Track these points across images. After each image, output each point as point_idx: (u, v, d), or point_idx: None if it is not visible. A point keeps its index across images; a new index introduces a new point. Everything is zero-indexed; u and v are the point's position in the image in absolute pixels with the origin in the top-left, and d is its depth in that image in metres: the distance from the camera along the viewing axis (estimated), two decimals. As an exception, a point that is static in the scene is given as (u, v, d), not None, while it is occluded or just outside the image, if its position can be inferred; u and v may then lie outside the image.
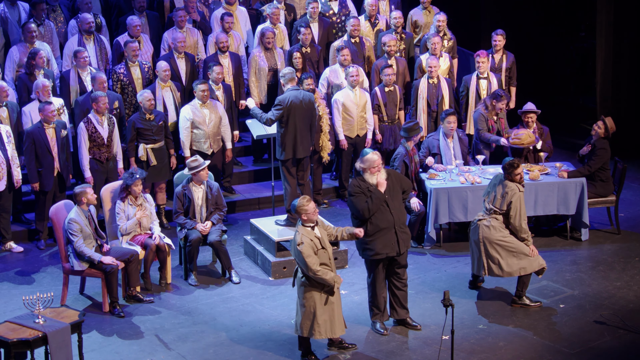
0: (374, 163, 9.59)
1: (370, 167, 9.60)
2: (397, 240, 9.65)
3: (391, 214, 9.61)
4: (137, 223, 10.90)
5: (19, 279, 11.36)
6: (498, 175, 10.52)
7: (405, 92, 13.84)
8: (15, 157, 11.83)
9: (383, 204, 9.57)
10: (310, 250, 9.03)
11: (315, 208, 9.18)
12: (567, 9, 17.32)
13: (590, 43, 17.04)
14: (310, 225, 9.17)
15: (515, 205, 10.21)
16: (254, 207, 13.48)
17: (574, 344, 9.67)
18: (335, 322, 9.23)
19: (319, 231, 9.22)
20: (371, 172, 9.60)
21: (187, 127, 12.51)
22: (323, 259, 9.13)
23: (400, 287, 9.91)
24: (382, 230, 9.61)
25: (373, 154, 9.62)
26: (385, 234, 9.62)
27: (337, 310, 9.25)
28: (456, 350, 9.19)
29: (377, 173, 9.61)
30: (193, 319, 10.32)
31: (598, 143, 12.15)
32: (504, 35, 13.95)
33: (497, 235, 10.26)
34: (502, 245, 10.25)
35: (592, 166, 12.06)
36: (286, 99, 11.21)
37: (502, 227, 10.28)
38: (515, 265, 10.28)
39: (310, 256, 9.02)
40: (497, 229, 10.26)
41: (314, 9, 14.25)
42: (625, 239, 12.26)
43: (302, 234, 9.10)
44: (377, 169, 9.60)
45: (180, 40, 13.27)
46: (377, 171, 9.61)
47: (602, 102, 15.26)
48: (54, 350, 8.82)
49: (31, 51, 12.64)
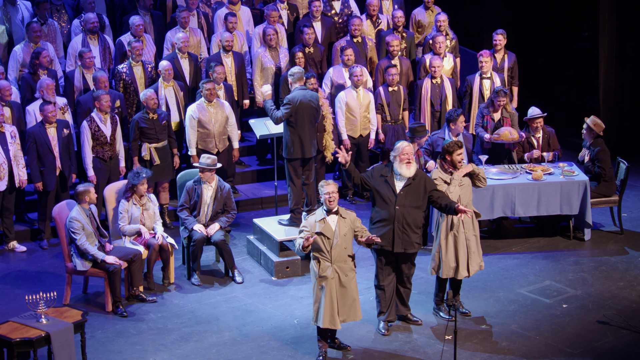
0: (404, 150, 9.59)
1: (399, 154, 9.61)
2: (393, 237, 9.65)
3: (394, 209, 9.61)
4: (139, 231, 10.89)
5: (22, 278, 11.37)
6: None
7: (408, 92, 13.84)
8: (19, 157, 11.84)
9: (392, 196, 9.58)
10: (308, 225, 9.21)
11: (330, 193, 9.18)
12: (570, 9, 17.30)
13: (593, 43, 17.03)
14: (325, 209, 9.24)
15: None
16: (257, 206, 13.49)
17: (577, 344, 9.66)
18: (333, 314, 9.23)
19: (338, 222, 9.22)
20: (400, 160, 9.61)
21: (194, 126, 12.52)
22: (319, 246, 9.17)
23: (404, 286, 9.94)
24: (382, 221, 9.66)
25: (405, 143, 9.67)
26: (384, 225, 9.66)
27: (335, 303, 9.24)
28: (459, 350, 9.19)
29: (406, 163, 9.59)
30: (196, 319, 10.33)
31: (594, 145, 12.15)
32: (504, 34, 13.93)
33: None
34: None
35: (604, 169, 12.07)
36: (295, 98, 11.20)
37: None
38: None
39: (306, 227, 9.20)
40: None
41: (317, 8, 14.25)
42: (629, 238, 12.26)
43: (314, 213, 9.30)
44: (406, 157, 9.59)
45: (184, 40, 13.27)
46: (406, 160, 9.59)
47: (604, 102, 15.26)
48: (57, 349, 8.83)
49: (35, 50, 12.66)
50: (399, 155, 9.62)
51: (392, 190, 9.62)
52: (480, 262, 10.13)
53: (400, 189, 9.62)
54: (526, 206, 11.93)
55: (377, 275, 9.91)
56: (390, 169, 9.70)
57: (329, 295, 9.21)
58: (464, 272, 10.01)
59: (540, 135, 12.61)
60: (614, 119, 15.24)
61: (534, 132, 12.60)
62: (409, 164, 9.61)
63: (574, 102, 17.39)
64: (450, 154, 9.92)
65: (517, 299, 10.68)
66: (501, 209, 11.93)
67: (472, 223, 10.05)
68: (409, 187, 9.64)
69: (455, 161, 9.93)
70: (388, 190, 9.64)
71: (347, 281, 9.31)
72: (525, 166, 12.31)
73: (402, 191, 9.61)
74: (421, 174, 9.77)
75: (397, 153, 9.64)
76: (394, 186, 9.63)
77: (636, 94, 15.45)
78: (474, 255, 10.04)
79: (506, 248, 12.07)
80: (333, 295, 9.24)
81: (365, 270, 11.02)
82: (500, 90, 12.49)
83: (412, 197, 9.65)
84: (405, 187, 9.63)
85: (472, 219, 10.04)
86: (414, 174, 9.65)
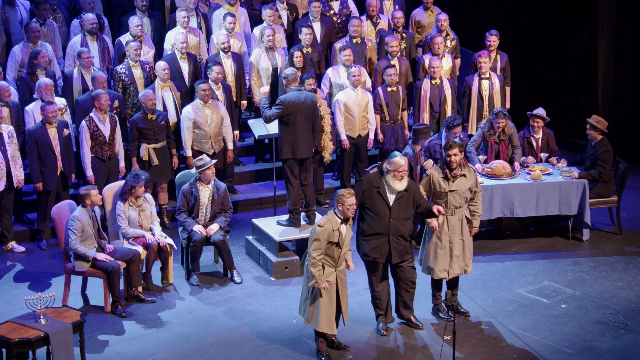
0: (400, 167, 9.49)
1: (394, 170, 9.51)
2: (389, 249, 9.64)
3: (389, 223, 9.59)
4: (141, 235, 10.88)
5: (20, 278, 11.36)
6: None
7: (408, 93, 13.84)
8: (17, 157, 11.84)
9: (385, 209, 9.55)
10: (324, 236, 9.05)
11: (354, 205, 9.12)
12: (569, 9, 17.30)
13: (592, 43, 17.04)
14: (340, 218, 9.17)
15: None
16: (255, 207, 13.49)
17: (576, 344, 9.67)
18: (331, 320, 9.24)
19: (346, 229, 9.21)
20: (394, 176, 9.53)
21: (189, 127, 12.52)
22: (331, 253, 9.15)
23: (407, 289, 9.91)
24: (376, 235, 9.62)
25: (401, 159, 9.52)
26: (377, 238, 9.63)
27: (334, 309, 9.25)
28: (458, 350, 9.19)
29: (400, 179, 9.53)
30: (195, 319, 10.32)
31: (599, 145, 12.15)
32: (498, 35, 13.94)
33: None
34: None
35: (604, 169, 12.06)
36: (288, 99, 11.21)
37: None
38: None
39: (319, 241, 9.05)
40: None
41: (316, 9, 14.25)
42: (627, 239, 12.26)
43: (329, 219, 9.14)
44: (401, 174, 9.50)
45: (183, 41, 13.27)
46: (400, 177, 9.52)
47: (603, 103, 15.26)
48: (56, 350, 8.83)
49: (33, 51, 12.66)
50: (395, 171, 9.52)
51: (385, 203, 9.57)
52: (466, 266, 10.12)
53: (393, 202, 9.58)
54: (525, 206, 11.93)
55: (371, 283, 9.88)
56: (383, 179, 9.61)
57: (328, 301, 9.21)
58: (442, 274, 10.03)
59: (540, 137, 12.62)
60: (612, 119, 15.23)
61: (534, 132, 12.60)
62: (402, 179, 9.58)
63: (572, 102, 17.40)
64: (447, 150, 9.91)
65: (515, 299, 10.68)
66: (500, 210, 11.93)
67: (461, 227, 10.05)
68: (400, 200, 9.59)
69: (449, 161, 9.91)
70: (381, 202, 9.57)
71: (346, 280, 9.39)
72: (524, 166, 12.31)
73: (395, 204, 9.57)
74: (413, 185, 9.70)
75: (393, 169, 9.51)
76: (386, 198, 9.58)
77: (635, 94, 15.45)
78: (457, 259, 10.04)
79: (505, 248, 12.07)
80: (332, 301, 9.26)
81: (365, 270, 11.00)
82: (500, 112, 12.23)
83: (404, 209, 9.62)
84: (397, 200, 9.59)
85: (461, 222, 10.02)
86: (407, 185, 9.62)
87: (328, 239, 9.08)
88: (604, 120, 12.28)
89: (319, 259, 9.08)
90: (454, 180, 9.90)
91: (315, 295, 9.23)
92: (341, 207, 9.12)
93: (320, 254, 9.08)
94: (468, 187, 9.99)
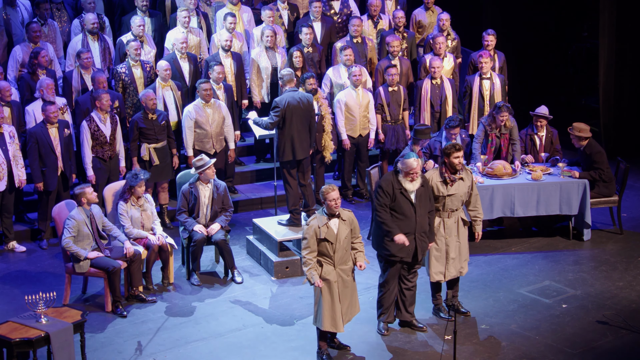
0: (412, 169, 9.46)
1: (407, 172, 9.50)
2: (415, 247, 9.63)
3: (415, 221, 9.58)
4: (145, 237, 10.88)
5: (21, 278, 11.37)
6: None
7: (408, 93, 13.84)
8: (18, 157, 11.84)
9: (410, 209, 9.53)
10: (309, 233, 9.08)
11: (335, 199, 9.09)
12: (570, 9, 17.31)
13: (592, 43, 17.04)
14: (327, 214, 9.16)
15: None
16: (256, 206, 13.49)
17: (577, 344, 9.66)
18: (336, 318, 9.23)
19: (339, 225, 9.18)
20: (405, 176, 9.51)
21: (191, 127, 12.52)
22: (324, 250, 9.15)
23: (409, 287, 9.90)
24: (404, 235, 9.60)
25: (414, 161, 9.47)
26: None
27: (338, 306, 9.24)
28: (459, 350, 9.19)
29: (411, 180, 9.50)
30: (195, 319, 10.32)
31: (588, 149, 12.12)
32: (495, 35, 13.94)
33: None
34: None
35: (602, 169, 12.05)
36: (283, 101, 11.22)
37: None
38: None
39: (306, 239, 9.09)
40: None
41: (317, 9, 14.25)
42: (628, 239, 12.26)
43: (315, 217, 9.17)
44: (413, 175, 9.48)
45: (183, 41, 13.27)
46: (411, 179, 9.51)
47: (604, 102, 15.26)
48: (57, 350, 8.83)
49: (33, 50, 12.66)
50: (408, 172, 9.48)
51: (409, 202, 9.54)
52: (461, 268, 10.12)
53: (415, 199, 9.56)
54: (525, 206, 11.93)
55: (386, 282, 9.81)
56: (399, 179, 9.59)
57: (330, 299, 9.20)
58: (438, 277, 10.02)
59: (544, 135, 12.61)
60: (613, 119, 15.25)
61: (538, 130, 12.60)
62: (413, 180, 9.56)
63: (573, 102, 17.40)
64: (448, 156, 9.88)
65: (516, 299, 10.68)
66: (500, 209, 11.93)
67: (457, 229, 10.04)
68: (420, 196, 9.58)
69: (453, 164, 9.88)
70: (405, 202, 9.53)
71: (349, 281, 9.35)
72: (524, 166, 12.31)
73: (417, 201, 9.56)
74: (425, 179, 9.72)
75: (406, 170, 9.48)
76: (409, 197, 9.54)
77: (636, 94, 15.46)
78: (453, 261, 10.03)
79: (506, 248, 12.07)
80: (335, 299, 9.24)
81: (365, 269, 10.99)
82: (503, 105, 12.22)
83: (424, 204, 9.63)
84: (418, 197, 9.56)
85: (457, 225, 10.02)
86: (421, 182, 9.60)
87: (315, 236, 9.09)
88: (585, 126, 12.22)
89: (309, 257, 9.10)
90: (452, 185, 9.90)
91: (317, 295, 9.24)
92: (326, 203, 9.15)
93: (310, 252, 9.09)
94: (465, 190, 9.98)
